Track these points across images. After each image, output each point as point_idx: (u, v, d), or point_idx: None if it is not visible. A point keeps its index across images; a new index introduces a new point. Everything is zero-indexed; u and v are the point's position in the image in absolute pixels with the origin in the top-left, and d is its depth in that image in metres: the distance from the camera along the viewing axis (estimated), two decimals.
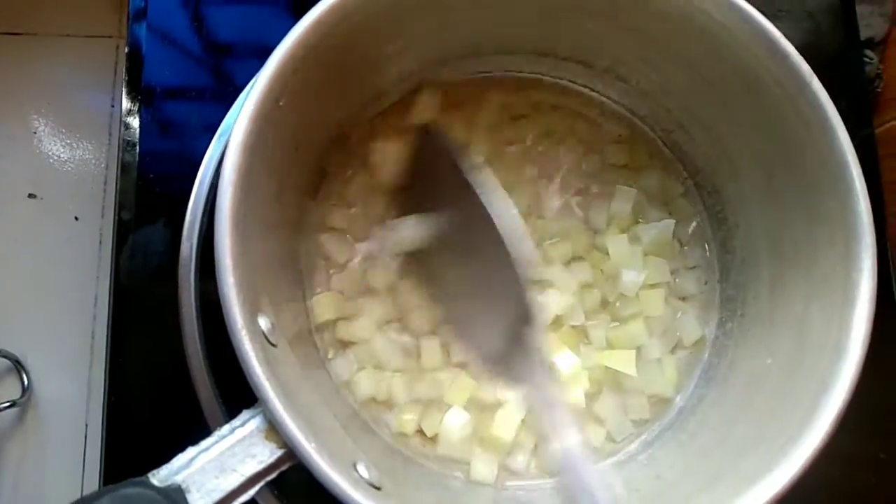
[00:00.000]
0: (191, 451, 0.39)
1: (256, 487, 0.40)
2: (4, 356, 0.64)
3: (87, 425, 0.66)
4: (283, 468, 0.40)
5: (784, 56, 0.46)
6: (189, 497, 0.38)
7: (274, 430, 0.39)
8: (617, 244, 0.60)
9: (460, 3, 0.52)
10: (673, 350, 0.59)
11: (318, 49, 0.44)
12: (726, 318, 0.59)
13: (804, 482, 0.42)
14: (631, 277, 0.59)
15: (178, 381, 0.56)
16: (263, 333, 0.42)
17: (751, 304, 0.56)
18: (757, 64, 0.48)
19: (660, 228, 0.60)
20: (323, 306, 0.57)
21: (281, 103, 0.44)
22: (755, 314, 0.55)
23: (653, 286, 0.60)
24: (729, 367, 0.56)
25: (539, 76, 0.63)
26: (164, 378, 0.59)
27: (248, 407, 0.41)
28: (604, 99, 0.63)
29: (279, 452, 0.39)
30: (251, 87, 0.43)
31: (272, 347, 0.43)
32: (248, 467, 0.39)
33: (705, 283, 0.61)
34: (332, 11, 0.44)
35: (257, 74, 0.43)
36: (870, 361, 0.44)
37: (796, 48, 0.47)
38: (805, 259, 0.50)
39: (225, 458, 0.39)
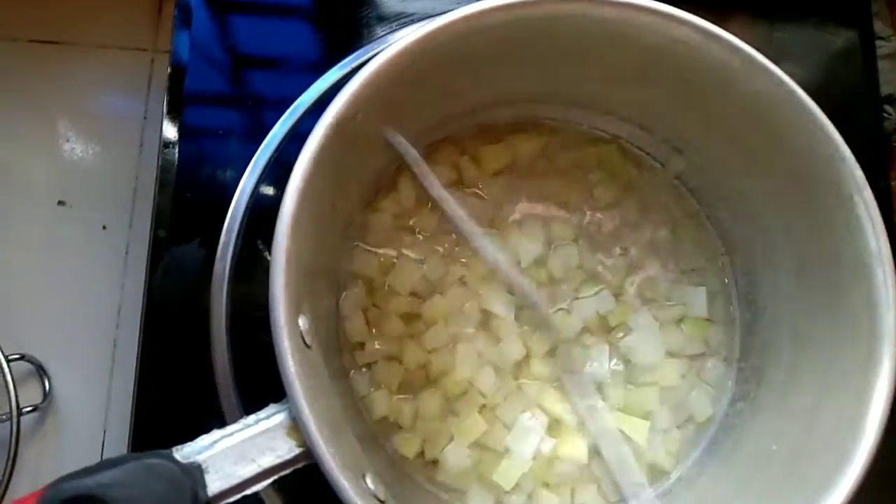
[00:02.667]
0: (215, 434, 0.41)
1: (269, 480, 0.41)
2: (28, 360, 0.64)
3: (104, 432, 0.66)
4: (298, 466, 0.41)
5: (842, 159, 0.47)
6: (207, 477, 0.39)
7: (296, 427, 0.40)
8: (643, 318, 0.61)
9: (525, 60, 0.54)
10: (681, 425, 0.60)
11: (399, 74, 0.46)
12: (738, 398, 0.59)
13: None
14: (647, 349, 0.60)
15: (205, 395, 0.58)
16: (301, 334, 0.44)
17: (765, 388, 0.57)
18: (814, 162, 0.49)
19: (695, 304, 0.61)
20: (351, 307, 0.58)
21: (357, 118, 0.45)
22: (767, 399, 0.56)
23: (671, 357, 0.60)
24: (733, 447, 0.57)
25: (598, 131, 0.64)
26: (191, 392, 0.60)
27: None
28: (655, 164, 0.64)
29: (297, 450, 0.40)
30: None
31: (307, 349, 0.44)
32: (266, 459, 0.40)
33: (724, 361, 0.61)
34: (419, 42, 0.46)
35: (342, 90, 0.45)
36: None
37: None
38: (825, 353, 0.50)
39: (246, 447, 0.40)
